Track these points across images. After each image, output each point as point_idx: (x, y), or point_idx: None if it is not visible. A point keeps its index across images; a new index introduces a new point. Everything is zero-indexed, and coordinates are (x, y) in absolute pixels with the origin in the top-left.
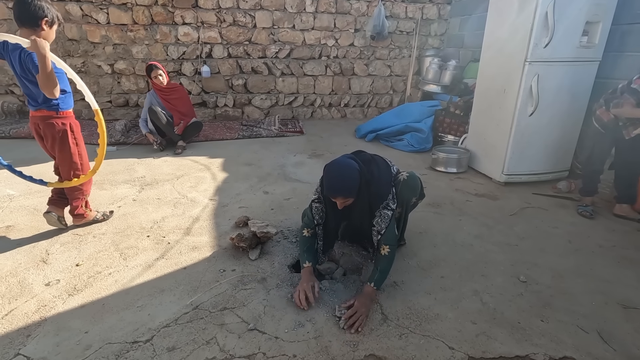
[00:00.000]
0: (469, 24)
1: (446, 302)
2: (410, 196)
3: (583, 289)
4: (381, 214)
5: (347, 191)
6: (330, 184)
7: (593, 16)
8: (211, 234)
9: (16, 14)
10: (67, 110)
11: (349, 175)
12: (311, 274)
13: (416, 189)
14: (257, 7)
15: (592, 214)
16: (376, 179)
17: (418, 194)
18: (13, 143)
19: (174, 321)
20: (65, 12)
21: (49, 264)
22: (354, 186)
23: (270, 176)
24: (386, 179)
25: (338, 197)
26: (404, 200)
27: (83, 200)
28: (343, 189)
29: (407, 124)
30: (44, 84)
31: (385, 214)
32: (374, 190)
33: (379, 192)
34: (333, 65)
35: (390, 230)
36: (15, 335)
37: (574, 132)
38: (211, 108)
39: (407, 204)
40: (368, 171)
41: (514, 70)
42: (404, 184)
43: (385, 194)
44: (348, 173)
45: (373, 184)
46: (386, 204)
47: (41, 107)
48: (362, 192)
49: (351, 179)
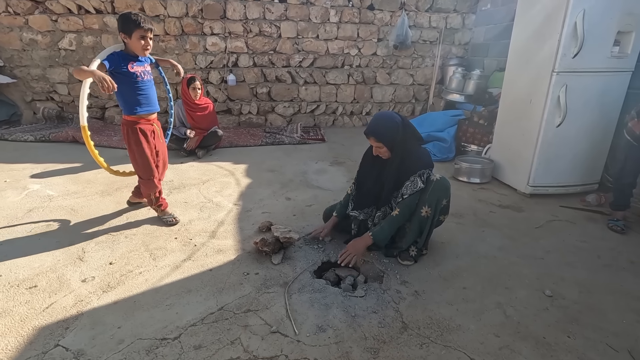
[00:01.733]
0: (494, 33)
1: (468, 314)
2: (442, 196)
3: (613, 306)
4: (414, 180)
5: (378, 134)
6: (369, 125)
7: (625, 26)
8: (235, 238)
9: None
10: (125, 116)
11: (386, 121)
12: (334, 224)
13: (447, 190)
14: (282, 17)
15: (623, 228)
16: (417, 147)
17: (448, 196)
18: (52, 146)
19: (201, 320)
20: (104, 23)
21: (85, 261)
22: (387, 133)
23: (293, 183)
24: (427, 157)
25: (370, 136)
26: (435, 199)
27: (147, 198)
28: (376, 130)
29: (430, 133)
30: None
31: (416, 181)
32: (415, 156)
33: (416, 161)
34: (355, 74)
35: (412, 199)
36: (55, 327)
37: (604, 143)
38: (235, 115)
39: (438, 205)
40: (414, 144)
41: (541, 80)
42: (436, 183)
43: (420, 164)
44: (386, 119)
45: (415, 152)
46: (421, 172)
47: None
48: (398, 149)
49: (386, 126)
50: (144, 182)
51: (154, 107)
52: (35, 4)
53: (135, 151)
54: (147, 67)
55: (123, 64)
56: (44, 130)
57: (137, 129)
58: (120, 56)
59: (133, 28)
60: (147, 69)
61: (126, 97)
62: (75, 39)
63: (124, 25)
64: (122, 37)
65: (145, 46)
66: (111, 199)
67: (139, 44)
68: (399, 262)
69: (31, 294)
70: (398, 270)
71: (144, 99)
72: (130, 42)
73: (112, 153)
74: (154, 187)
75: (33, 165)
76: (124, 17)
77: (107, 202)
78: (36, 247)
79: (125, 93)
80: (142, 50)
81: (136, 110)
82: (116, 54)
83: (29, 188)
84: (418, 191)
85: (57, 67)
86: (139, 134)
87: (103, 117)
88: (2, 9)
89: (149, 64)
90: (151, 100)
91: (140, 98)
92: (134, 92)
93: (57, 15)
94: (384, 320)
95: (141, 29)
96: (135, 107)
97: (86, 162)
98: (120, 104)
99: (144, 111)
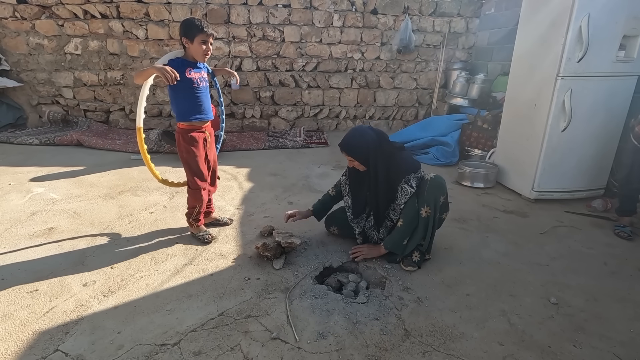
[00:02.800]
0: (499, 37)
1: (472, 321)
2: (438, 194)
3: (620, 314)
4: (402, 189)
5: (349, 149)
6: (342, 139)
7: (631, 30)
8: (237, 242)
9: None
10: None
11: (357, 136)
12: (307, 213)
13: (443, 187)
14: (286, 22)
15: (630, 234)
16: (398, 156)
17: (445, 192)
18: (56, 149)
19: (201, 326)
20: (109, 28)
21: (86, 265)
22: (356, 150)
23: (295, 187)
24: (410, 162)
25: (343, 152)
26: (433, 198)
27: (190, 209)
28: (348, 145)
29: (433, 137)
30: None
31: (405, 189)
32: (395, 164)
33: (399, 169)
34: (359, 78)
35: (409, 206)
36: (55, 332)
37: (610, 148)
38: (239, 119)
39: (436, 202)
40: (393, 153)
41: (546, 84)
42: (431, 182)
43: (404, 171)
44: (357, 134)
45: (395, 161)
46: (407, 179)
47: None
48: (373, 162)
49: (357, 140)
50: (193, 192)
51: (208, 115)
52: (42, 9)
53: (187, 159)
54: (203, 74)
55: (181, 69)
56: (49, 134)
57: (189, 136)
58: (179, 62)
59: (196, 33)
60: (204, 76)
61: (181, 104)
62: (80, 43)
63: (187, 30)
64: (183, 42)
65: (206, 51)
66: (114, 203)
67: (200, 49)
68: (402, 268)
69: (32, 297)
70: (400, 276)
71: (199, 106)
72: (191, 47)
73: (116, 156)
74: (200, 200)
75: (37, 168)
76: (187, 22)
77: (109, 206)
78: (38, 251)
79: (181, 99)
80: (203, 55)
81: (190, 117)
82: (176, 60)
83: (33, 191)
84: (412, 196)
85: (62, 71)
86: (190, 142)
87: (107, 121)
88: (9, 13)
89: (205, 71)
90: (206, 108)
91: (196, 105)
92: (189, 99)
93: (63, 20)
94: (386, 327)
95: (204, 34)
96: (189, 115)
97: (90, 166)
98: (174, 110)
99: (198, 119)
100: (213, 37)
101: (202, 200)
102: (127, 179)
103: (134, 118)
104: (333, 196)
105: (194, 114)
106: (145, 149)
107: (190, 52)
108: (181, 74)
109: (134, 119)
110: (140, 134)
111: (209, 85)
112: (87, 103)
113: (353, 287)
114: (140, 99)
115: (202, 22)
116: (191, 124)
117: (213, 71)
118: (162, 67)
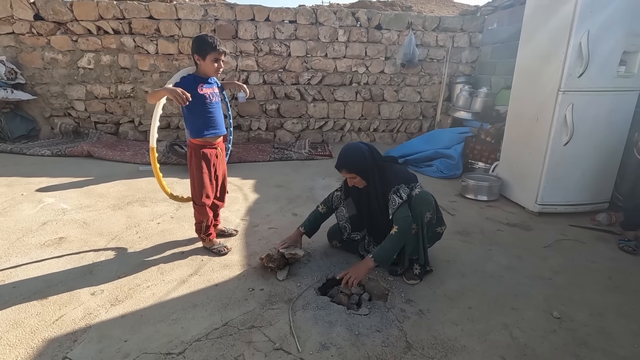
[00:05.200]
0: (502, 51)
1: (474, 334)
2: (424, 210)
3: (624, 329)
4: (391, 199)
5: (348, 166)
6: (338, 159)
7: (631, 46)
8: (242, 253)
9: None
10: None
11: (353, 153)
12: (298, 237)
13: (429, 203)
14: (292, 37)
15: (635, 249)
16: (391, 170)
17: (432, 209)
18: (67, 160)
19: (205, 336)
20: (121, 43)
21: (95, 274)
22: (356, 164)
23: (300, 198)
24: (402, 173)
25: (342, 170)
26: (419, 214)
27: (197, 225)
28: (345, 163)
29: (437, 150)
30: None
31: (393, 199)
32: (387, 176)
33: (390, 181)
34: (363, 91)
35: (401, 211)
36: (63, 340)
37: (613, 162)
38: (245, 131)
39: (422, 219)
40: (385, 166)
41: (547, 99)
42: (416, 198)
43: (394, 182)
44: (352, 152)
45: (387, 173)
46: (396, 189)
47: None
48: (372, 177)
49: (354, 157)
50: (197, 208)
51: (221, 129)
52: (58, 25)
53: (195, 176)
54: (215, 89)
55: (193, 86)
56: (60, 145)
57: (201, 153)
58: (192, 79)
59: (209, 50)
60: (216, 91)
61: (195, 121)
62: (93, 58)
63: (199, 47)
64: (195, 59)
65: (218, 68)
66: (122, 213)
67: (213, 67)
68: (405, 281)
69: (42, 306)
70: (403, 288)
71: (212, 121)
72: (203, 64)
73: (124, 167)
74: (206, 214)
75: (49, 179)
76: (200, 39)
77: (118, 216)
78: (48, 260)
79: (194, 116)
80: (215, 72)
81: (204, 133)
82: (188, 77)
83: (44, 201)
84: (401, 204)
85: (75, 84)
86: (201, 159)
87: (117, 132)
88: (26, 30)
89: (216, 86)
90: (218, 122)
91: (209, 120)
92: (202, 115)
93: (77, 35)
94: (387, 340)
95: (216, 52)
96: (203, 130)
97: (99, 176)
98: (187, 126)
99: (211, 134)
100: (225, 54)
101: (208, 215)
102: (135, 189)
103: (143, 130)
104: (323, 213)
105: (207, 129)
106: (158, 167)
107: (202, 69)
108: (194, 91)
109: (143, 130)
110: (153, 154)
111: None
112: (98, 115)
113: (355, 300)
114: (153, 119)
115: (215, 40)
116: (205, 140)
117: (222, 85)
118: (174, 89)
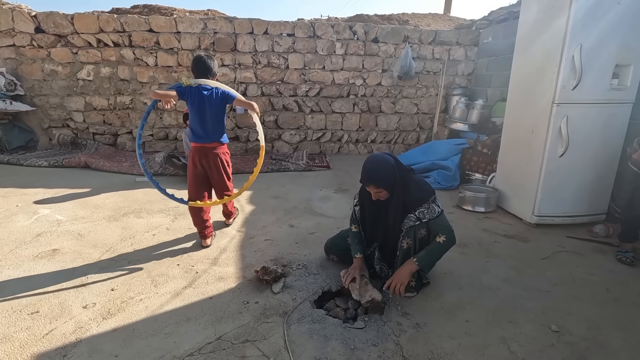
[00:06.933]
0: (497, 64)
1: (471, 349)
2: (418, 227)
3: (623, 343)
4: (428, 207)
5: (377, 181)
6: (364, 173)
7: (623, 59)
8: (237, 265)
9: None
10: (226, 144)
11: (383, 166)
12: (362, 264)
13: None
14: (290, 50)
15: (632, 260)
16: (413, 179)
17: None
18: (64, 171)
19: (198, 350)
20: (120, 56)
21: (87, 287)
22: (386, 178)
23: (297, 210)
24: (423, 182)
25: (370, 185)
26: (412, 231)
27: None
28: (375, 178)
29: (434, 162)
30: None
31: (432, 208)
32: (411, 192)
33: (416, 195)
34: (361, 103)
35: (443, 219)
36: (53, 355)
37: (609, 174)
38: (243, 142)
39: (415, 235)
40: (406, 176)
41: (542, 111)
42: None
43: (426, 192)
44: (382, 165)
45: (411, 187)
46: (434, 198)
47: (211, 139)
48: (397, 190)
49: (384, 170)
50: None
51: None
52: (58, 38)
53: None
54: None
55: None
56: (57, 156)
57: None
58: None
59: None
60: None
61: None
62: (93, 70)
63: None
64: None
65: None
66: (117, 224)
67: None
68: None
69: (32, 319)
70: (399, 301)
71: None
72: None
73: (121, 178)
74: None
75: (45, 190)
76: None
77: (113, 228)
78: (41, 272)
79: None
80: None
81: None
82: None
83: (39, 213)
84: (440, 213)
85: (74, 95)
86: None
87: (115, 143)
88: (27, 42)
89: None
90: None
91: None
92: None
93: (77, 48)
94: (383, 354)
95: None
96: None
97: (95, 187)
98: (223, 129)
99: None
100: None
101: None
102: (132, 200)
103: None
104: (360, 231)
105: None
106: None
107: None
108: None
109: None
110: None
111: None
112: (97, 126)
113: (352, 314)
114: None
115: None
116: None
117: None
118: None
